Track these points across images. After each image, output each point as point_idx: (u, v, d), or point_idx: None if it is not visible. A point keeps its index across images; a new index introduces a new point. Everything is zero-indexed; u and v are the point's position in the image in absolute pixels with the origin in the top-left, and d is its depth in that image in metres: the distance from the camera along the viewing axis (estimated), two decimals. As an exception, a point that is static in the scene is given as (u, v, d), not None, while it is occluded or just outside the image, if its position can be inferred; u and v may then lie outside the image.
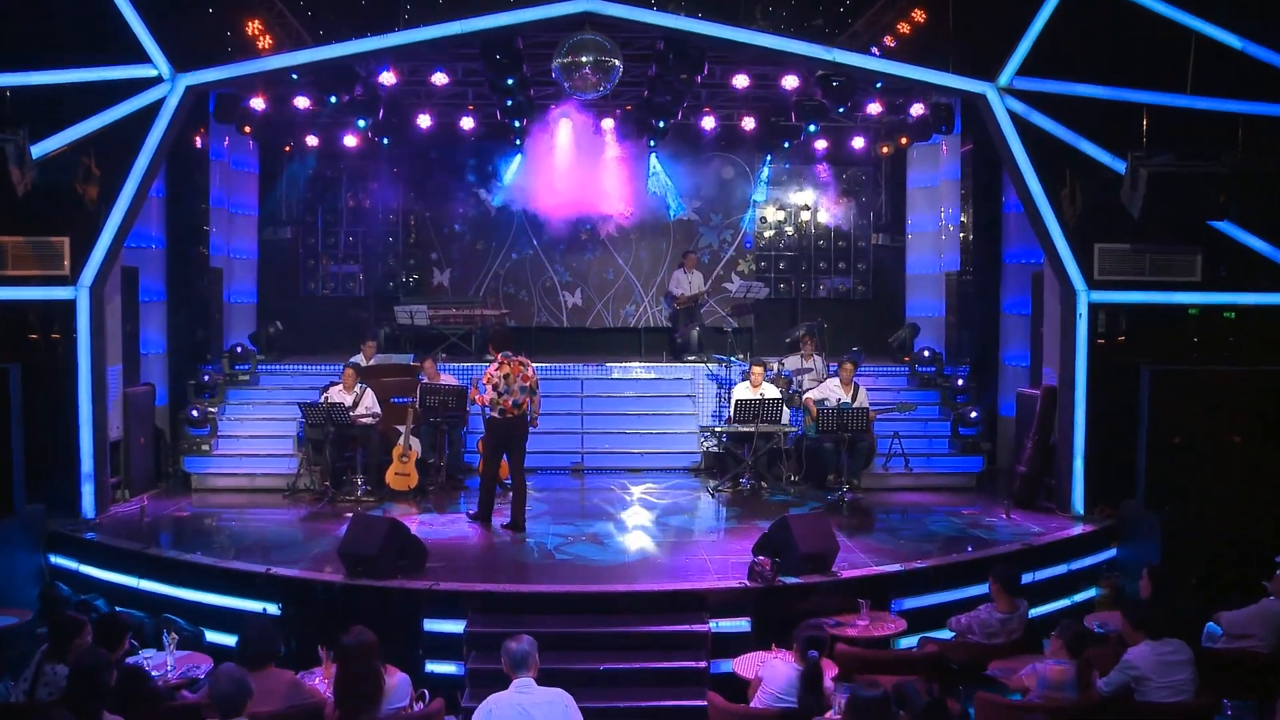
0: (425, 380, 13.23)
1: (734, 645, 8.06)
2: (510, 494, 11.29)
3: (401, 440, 12.08)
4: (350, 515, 10.51)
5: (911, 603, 8.77)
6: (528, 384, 10.61)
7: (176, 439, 13.20)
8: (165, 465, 13.08)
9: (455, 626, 8.00)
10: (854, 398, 12.23)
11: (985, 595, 9.01)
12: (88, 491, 10.58)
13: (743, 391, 12.61)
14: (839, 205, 17.82)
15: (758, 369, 12.63)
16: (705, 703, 7.00)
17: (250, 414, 13.86)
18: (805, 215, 17.89)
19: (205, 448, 12.86)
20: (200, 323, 14.43)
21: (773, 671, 6.17)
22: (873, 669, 7.10)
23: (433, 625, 8.06)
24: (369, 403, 12.31)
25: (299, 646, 8.24)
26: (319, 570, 8.68)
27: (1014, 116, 11.15)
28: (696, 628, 7.88)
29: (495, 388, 10.51)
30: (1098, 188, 10.94)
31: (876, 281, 18.04)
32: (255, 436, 13.30)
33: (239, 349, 14.65)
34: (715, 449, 13.59)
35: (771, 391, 12.58)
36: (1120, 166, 10.54)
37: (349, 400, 12.21)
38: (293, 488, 12.18)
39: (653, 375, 15.37)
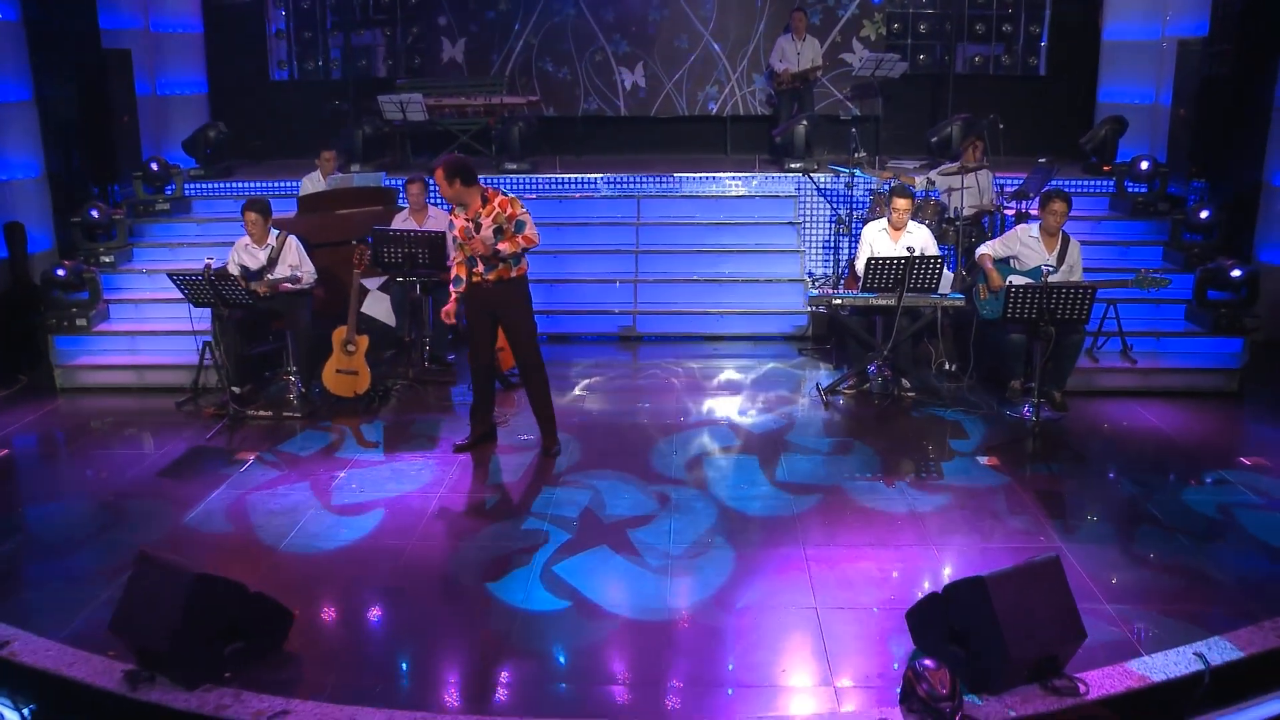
0: (402, 216, 8.95)
1: None
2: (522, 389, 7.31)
3: (350, 314, 7.93)
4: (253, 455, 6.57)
5: (1210, 727, 4.52)
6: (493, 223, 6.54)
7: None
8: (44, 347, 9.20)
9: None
10: (1062, 259, 7.58)
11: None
12: None
13: (878, 237, 8.08)
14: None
15: (902, 201, 7.99)
16: None
17: (163, 262, 9.80)
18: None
19: (81, 323, 8.87)
20: (100, 130, 10.19)
21: None
22: None
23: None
24: (294, 260, 8.10)
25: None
26: (100, 645, 4.73)
27: None
28: None
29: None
30: None
31: (1055, 52, 12.84)
32: (162, 300, 9.26)
33: (154, 165, 10.43)
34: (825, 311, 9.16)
35: (926, 242, 7.98)
36: None
37: (260, 258, 8.04)
38: (195, 390, 8.18)
39: (741, 192, 10.86)
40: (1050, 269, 7.39)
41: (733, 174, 11.01)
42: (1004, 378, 7.76)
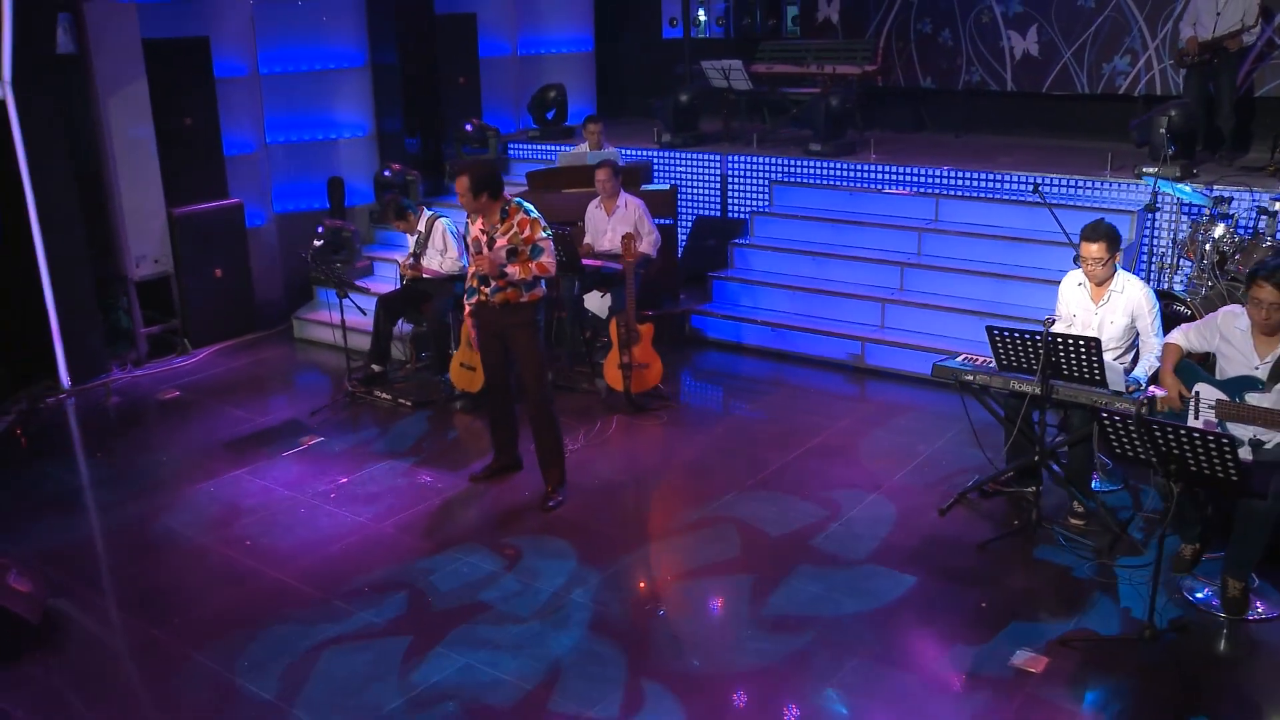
0: (593, 204, 8.36)
1: None
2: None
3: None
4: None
5: None
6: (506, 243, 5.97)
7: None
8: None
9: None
10: (1278, 376, 4.77)
11: None
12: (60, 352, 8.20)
13: (1074, 294, 5.90)
14: None
15: (1093, 247, 5.60)
16: None
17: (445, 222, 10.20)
18: None
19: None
20: (428, 92, 10.82)
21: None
22: None
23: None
24: (440, 244, 8.00)
25: None
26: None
27: None
28: None
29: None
30: None
31: None
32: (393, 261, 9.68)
33: (469, 127, 10.89)
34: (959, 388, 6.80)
35: (1135, 309, 5.58)
36: None
37: (409, 243, 8.05)
38: (374, 357, 8.45)
39: (1067, 201, 8.49)
40: (1254, 385, 4.68)
41: (1065, 176, 8.62)
42: (1184, 531, 5.18)
